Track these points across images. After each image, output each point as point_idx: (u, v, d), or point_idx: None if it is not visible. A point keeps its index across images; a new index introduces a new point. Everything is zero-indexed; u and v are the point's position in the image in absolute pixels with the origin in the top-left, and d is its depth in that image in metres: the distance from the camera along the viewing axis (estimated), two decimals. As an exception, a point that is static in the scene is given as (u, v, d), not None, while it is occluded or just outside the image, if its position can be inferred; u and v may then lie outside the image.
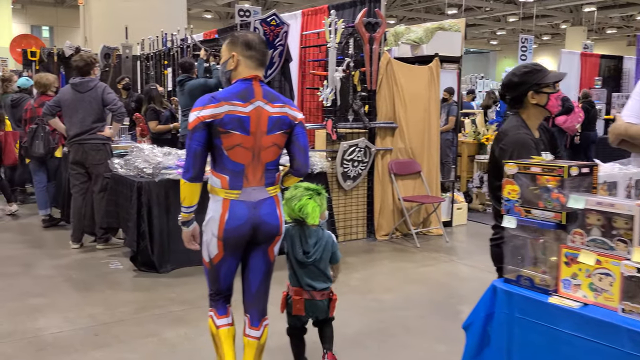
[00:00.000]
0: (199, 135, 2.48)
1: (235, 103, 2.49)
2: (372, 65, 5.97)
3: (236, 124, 2.48)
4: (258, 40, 2.62)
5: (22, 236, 6.19)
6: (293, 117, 2.62)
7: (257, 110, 2.52)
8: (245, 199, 2.55)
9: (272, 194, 2.61)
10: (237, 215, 2.53)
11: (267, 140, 2.55)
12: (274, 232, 2.64)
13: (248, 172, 2.54)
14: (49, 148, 6.60)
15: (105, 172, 5.58)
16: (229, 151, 2.51)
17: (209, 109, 2.48)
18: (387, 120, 6.21)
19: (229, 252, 2.59)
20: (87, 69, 5.60)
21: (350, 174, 6.02)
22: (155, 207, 4.92)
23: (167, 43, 9.48)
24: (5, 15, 23.04)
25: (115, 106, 5.49)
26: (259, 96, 2.54)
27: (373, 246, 6.02)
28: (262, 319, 2.76)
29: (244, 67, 2.57)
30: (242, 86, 2.54)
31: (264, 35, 6.56)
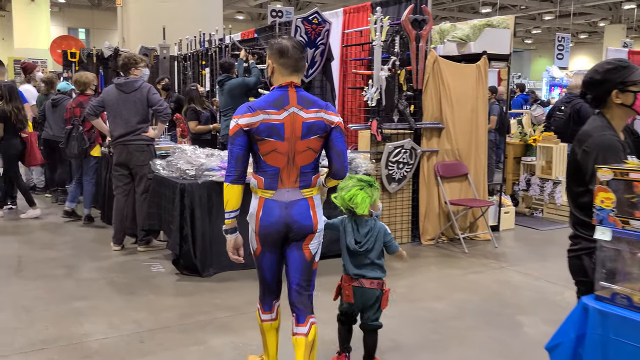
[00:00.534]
0: (240, 140, 2.63)
1: (269, 111, 2.61)
2: (419, 63, 5.77)
3: (271, 132, 2.60)
4: (292, 46, 2.66)
5: (62, 237, 6.17)
6: (329, 122, 2.67)
7: (292, 117, 2.62)
8: (278, 199, 2.68)
9: (306, 195, 2.71)
10: (270, 213, 2.68)
11: (302, 145, 2.64)
12: (307, 231, 2.73)
13: (283, 175, 2.66)
14: (82, 148, 6.60)
15: (148, 174, 5.52)
16: (265, 156, 2.65)
17: (246, 117, 2.61)
18: (434, 121, 6.00)
19: (266, 247, 2.75)
20: (125, 69, 5.54)
21: (395, 176, 5.83)
22: (197, 209, 4.82)
23: (204, 43, 9.43)
24: (43, 18, 23.42)
25: (160, 107, 5.42)
26: (293, 102, 2.63)
27: (418, 251, 5.82)
28: (308, 317, 2.82)
29: (279, 74, 2.67)
30: (277, 94, 2.65)
31: (306, 34, 6.44)
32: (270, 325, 2.97)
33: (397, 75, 5.71)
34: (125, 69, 5.54)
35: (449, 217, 6.11)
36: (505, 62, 6.54)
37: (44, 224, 6.78)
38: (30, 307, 4.14)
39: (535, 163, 7.67)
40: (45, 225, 6.75)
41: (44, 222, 6.86)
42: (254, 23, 30.53)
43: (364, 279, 3.04)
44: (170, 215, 4.95)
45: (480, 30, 6.26)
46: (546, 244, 6.28)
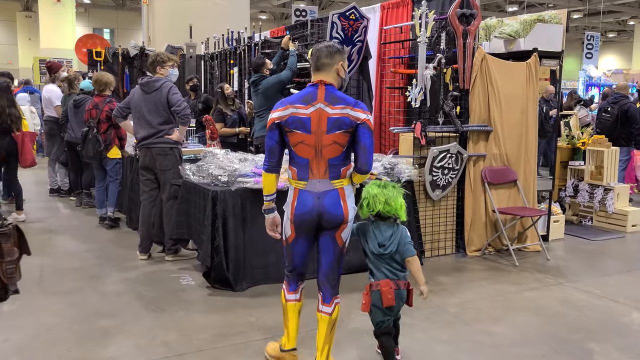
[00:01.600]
0: (273, 134, 2.95)
1: (298, 106, 2.91)
2: (466, 61, 5.36)
3: (298, 124, 2.90)
4: (321, 47, 2.99)
5: (86, 244, 5.88)
6: (355, 118, 2.87)
7: (318, 112, 2.89)
8: (311, 190, 2.93)
9: (336, 186, 2.94)
10: (304, 202, 2.93)
11: (328, 139, 2.89)
12: (339, 220, 2.93)
13: (312, 166, 2.92)
14: (96, 151, 6.32)
15: (174, 179, 5.20)
16: (295, 147, 2.94)
17: (278, 112, 2.94)
18: (481, 123, 5.57)
19: (300, 234, 3.00)
20: (152, 67, 5.24)
21: (439, 183, 5.43)
22: (230, 218, 4.48)
23: (232, 42, 9.11)
24: (69, 18, 23.53)
25: (179, 107, 5.07)
26: (321, 99, 2.90)
27: (464, 263, 5.40)
28: (334, 297, 3.03)
29: (312, 72, 3.01)
30: (308, 91, 2.96)
31: (342, 31, 6.07)
32: (293, 305, 3.14)
33: (442, 74, 5.30)
34: (152, 68, 5.24)
35: (497, 227, 5.69)
36: (557, 60, 6.09)
37: (67, 230, 6.51)
38: (51, 324, 3.83)
39: (583, 168, 7.19)
40: (68, 230, 6.47)
41: (67, 228, 6.59)
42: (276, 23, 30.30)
43: (400, 281, 3.08)
44: (201, 224, 4.61)
45: (531, 26, 5.82)
46: (602, 257, 5.81)
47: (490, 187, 5.60)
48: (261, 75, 6.21)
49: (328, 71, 2.94)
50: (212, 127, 6.24)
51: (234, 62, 8.94)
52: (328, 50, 2.94)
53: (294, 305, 3.14)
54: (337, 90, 2.95)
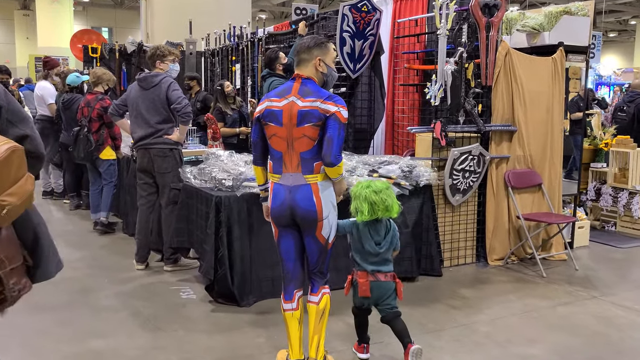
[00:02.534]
0: (255, 127, 3.03)
1: (273, 99, 2.97)
2: (489, 55, 4.96)
3: (272, 117, 2.94)
4: (301, 41, 3.05)
5: (79, 252, 5.48)
6: (324, 111, 2.85)
7: (290, 105, 2.90)
8: (284, 183, 2.95)
9: (309, 181, 2.91)
10: (277, 196, 2.96)
11: (298, 132, 2.88)
12: (311, 217, 2.91)
13: (285, 159, 2.93)
14: (87, 151, 5.93)
15: (174, 183, 4.80)
16: (270, 140, 2.97)
17: (259, 106, 3.04)
18: (504, 123, 5.18)
19: (280, 229, 3.03)
20: (151, 61, 4.86)
21: (459, 187, 5.03)
22: (236, 227, 4.08)
23: (234, 37, 8.72)
24: (66, 16, 23.24)
25: (179, 105, 4.67)
26: (294, 92, 2.92)
27: (487, 274, 5.00)
28: (321, 287, 3.07)
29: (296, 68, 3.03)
30: (286, 84, 3.02)
31: (354, 24, 5.68)
32: (291, 315, 3.06)
33: (464, 70, 4.91)
34: (151, 62, 4.85)
35: (520, 234, 5.30)
36: (584, 56, 5.69)
37: (59, 235, 6.09)
38: (38, 346, 3.44)
39: (606, 170, 6.80)
40: (61, 235, 6.06)
41: (59, 233, 6.18)
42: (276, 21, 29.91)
43: (380, 274, 3.12)
44: (203, 232, 4.22)
45: (557, 19, 5.42)
46: (633, 266, 5.42)
47: (513, 192, 5.20)
48: (269, 72, 5.78)
49: (306, 66, 2.96)
50: (215, 126, 5.84)
51: (236, 59, 8.55)
52: (307, 45, 2.96)
53: (292, 315, 3.06)
54: (314, 84, 2.93)
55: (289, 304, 3.07)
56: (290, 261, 3.06)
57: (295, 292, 3.08)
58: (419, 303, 4.17)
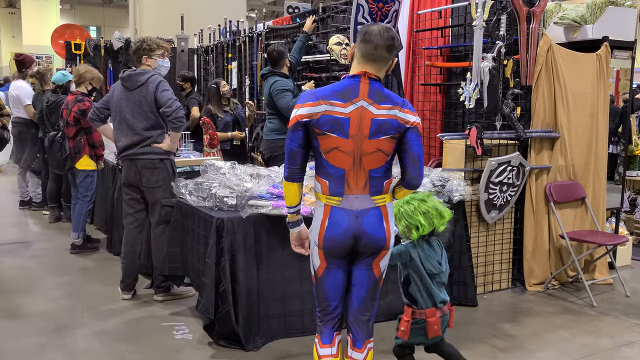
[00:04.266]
0: (296, 135, 2.37)
1: (334, 102, 2.33)
2: (529, 51, 4.31)
3: (333, 125, 2.33)
4: (378, 32, 2.33)
5: (57, 276, 4.77)
6: (404, 121, 2.36)
7: (359, 112, 2.33)
8: (347, 207, 2.39)
9: (378, 203, 2.41)
10: (337, 223, 2.39)
11: (370, 145, 2.35)
12: (379, 245, 2.42)
13: (349, 178, 2.38)
14: (59, 160, 5.21)
15: (165, 199, 4.11)
16: (326, 154, 2.37)
17: (307, 107, 2.34)
18: (546, 128, 4.53)
19: (331, 263, 2.45)
20: (136, 56, 4.17)
21: (496, 202, 4.37)
22: (241, 255, 3.39)
23: (230, 33, 8.03)
24: (53, 14, 22.57)
25: (169, 108, 3.98)
26: (363, 95, 2.34)
27: (528, 303, 4.34)
28: (367, 341, 2.54)
29: (355, 61, 2.40)
30: (346, 83, 2.37)
31: (369, 15, 5.01)
32: None
33: (502, 67, 4.25)
34: (136, 57, 4.16)
35: (562, 255, 4.66)
36: (630, 52, 5.06)
37: (34, 254, 5.39)
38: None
39: (642, 179, 6.19)
40: (36, 256, 5.35)
41: (35, 252, 5.47)
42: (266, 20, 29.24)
43: (444, 306, 2.85)
44: (201, 261, 3.53)
45: (601, 10, 4.78)
46: (688, 290, 4.79)
47: (556, 207, 4.55)
48: (271, 70, 5.10)
49: (381, 65, 2.36)
50: (212, 131, 5.14)
51: (232, 56, 7.86)
52: (391, 41, 2.32)
53: None
54: (384, 87, 2.37)
55: (328, 349, 2.53)
56: (336, 300, 2.51)
57: (336, 334, 2.55)
58: (457, 343, 3.48)
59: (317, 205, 2.45)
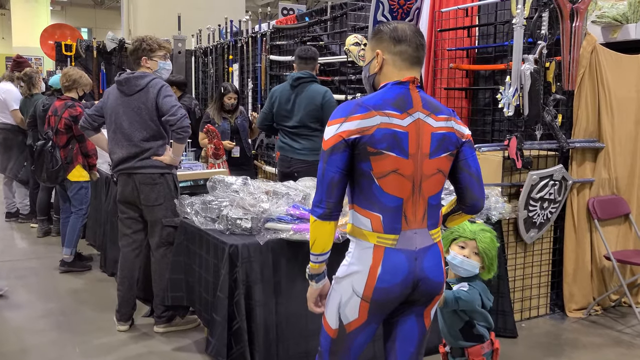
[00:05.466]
0: (339, 159, 1.86)
1: (390, 113, 1.89)
2: (573, 52, 3.88)
3: (392, 143, 1.87)
4: (410, 30, 1.98)
5: (44, 301, 4.28)
6: (460, 134, 2.01)
7: (417, 125, 1.91)
8: (405, 247, 1.92)
9: (435, 239, 2.00)
10: (395, 268, 1.90)
11: (431, 166, 1.94)
12: (437, 292, 2.01)
13: (407, 210, 1.91)
14: (50, 171, 4.73)
15: (167, 218, 3.65)
16: (381, 180, 1.88)
17: (355, 120, 1.86)
18: (589, 137, 4.10)
19: (373, 318, 1.96)
20: (134, 58, 3.71)
21: (536, 220, 3.93)
22: (258, 287, 2.93)
23: (231, 33, 7.57)
24: (43, 16, 22.15)
25: (173, 116, 3.50)
26: (418, 106, 1.93)
27: (571, 332, 3.90)
28: None
29: (393, 67, 1.97)
30: (396, 91, 1.93)
31: (390, 13, 4.58)
32: None
33: (544, 70, 3.82)
34: (135, 58, 3.69)
35: (605, 278, 4.23)
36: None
37: (20, 274, 4.90)
38: None
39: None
40: (22, 276, 4.86)
41: (21, 271, 4.98)
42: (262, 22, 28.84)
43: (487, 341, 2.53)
44: (211, 293, 3.06)
45: (645, 7, 4.37)
46: None
47: (599, 224, 4.12)
48: (312, 76, 4.49)
49: (419, 67, 2.01)
50: (217, 140, 4.67)
51: (233, 58, 7.41)
52: (424, 40, 2.02)
53: None
54: (429, 95, 2.05)
55: None
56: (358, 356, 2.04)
57: None
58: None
59: (358, 246, 1.95)
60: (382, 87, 1.97)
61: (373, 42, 2.01)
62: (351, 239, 1.99)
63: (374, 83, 2.02)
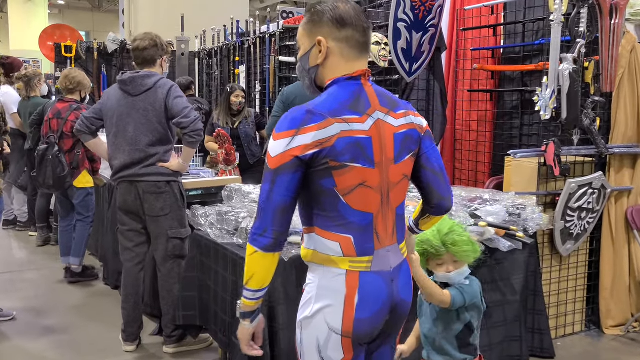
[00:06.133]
0: (289, 180, 1.54)
1: (349, 119, 1.58)
2: (612, 51, 3.62)
3: (356, 152, 1.58)
4: (354, 10, 1.66)
5: (44, 317, 4.01)
6: (420, 128, 1.75)
7: (378, 127, 1.63)
8: (381, 269, 1.65)
9: (404, 254, 1.76)
10: (374, 294, 1.63)
11: (397, 172, 1.67)
12: (407, 314, 1.78)
13: (378, 225, 1.65)
14: (57, 177, 4.45)
15: (173, 230, 3.38)
16: (347, 196, 1.59)
17: (309, 132, 1.54)
18: (629, 143, 3.84)
19: (359, 350, 1.69)
20: (148, 55, 3.42)
21: (573, 231, 3.67)
22: (281, 307, 2.64)
23: (237, 34, 7.31)
24: (41, 19, 21.89)
25: (187, 119, 3.24)
26: (375, 103, 1.65)
27: (611, 352, 3.63)
28: None
29: (340, 57, 1.64)
30: (350, 88, 1.63)
31: (411, 11, 4.32)
32: None
33: (582, 70, 3.56)
34: (148, 57, 3.41)
35: (646, 292, 3.97)
36: None
37: (17, 287, 4.62)
38: None
39: None
40: (19, 289, 4.58)
41: (18, 284, 4.70)
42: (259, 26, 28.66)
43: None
44: (229, 313, 2.79)
45: (683, 4, 4.13)
46: None
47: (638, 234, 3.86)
48: None
49: (368, 54, 1.70)
50: (228, 145, 4.40)
51: (240, 60, 7.14)
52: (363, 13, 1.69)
53: None
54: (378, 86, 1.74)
55: None
56: None
57: None
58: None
59: (324, 275, 1.66)
60: (330, 84, 1.66)
61: (309, 26, 1.67)
62: (312, 267, 1.69)
63: (317, 78, 1.70)
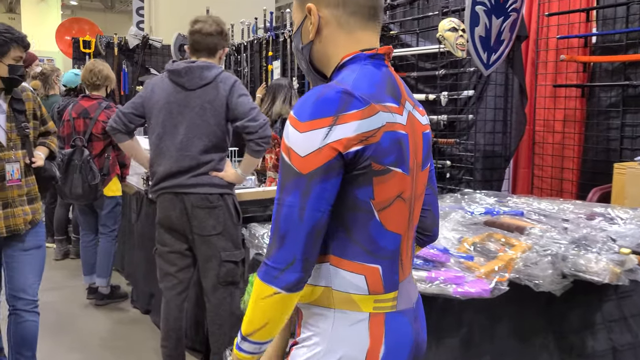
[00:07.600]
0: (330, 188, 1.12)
1: (392, 107, 1.19)
2: None
3: (399, 153, 1.19)
4: None
5: (69, 354, 3.43)
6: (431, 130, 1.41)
7: (412, 121, 1.26)
8: (406, 306, 1.29)
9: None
10: (401, 341, 1.26)
11: (422, 181, 1.33)
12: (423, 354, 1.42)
13: (403, 250, 1.27)
14: (88, 185, 3.85)
15: (227, 252, 2.78)
16: (383, 212, 1.20)
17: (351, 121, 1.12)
18: None
19: None
20: (214, 44, 2.83)
21: None
22: None
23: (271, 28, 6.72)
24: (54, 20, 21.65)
25: (254, 122, 2.66)
26: (404, 92, 1.26)
27: None
28: None
29: (337, 27, 1.23)
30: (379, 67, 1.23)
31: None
32: None
33: None
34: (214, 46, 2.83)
35: None
36: None
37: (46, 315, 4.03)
38: None
39: None
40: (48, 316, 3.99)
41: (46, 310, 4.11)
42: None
43: None
44: None
45: None
46: None
47: None
48: None
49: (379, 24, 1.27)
50: (278, 149, 3.80)
51: (274, 55, 6.55)
52: None
53: None
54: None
55: None
56: None
57: None
58: None
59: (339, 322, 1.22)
60: (345, 62, 1.23)
61: None
62: (316, 311, 1.24)
63: (313, 58, 1.29)
